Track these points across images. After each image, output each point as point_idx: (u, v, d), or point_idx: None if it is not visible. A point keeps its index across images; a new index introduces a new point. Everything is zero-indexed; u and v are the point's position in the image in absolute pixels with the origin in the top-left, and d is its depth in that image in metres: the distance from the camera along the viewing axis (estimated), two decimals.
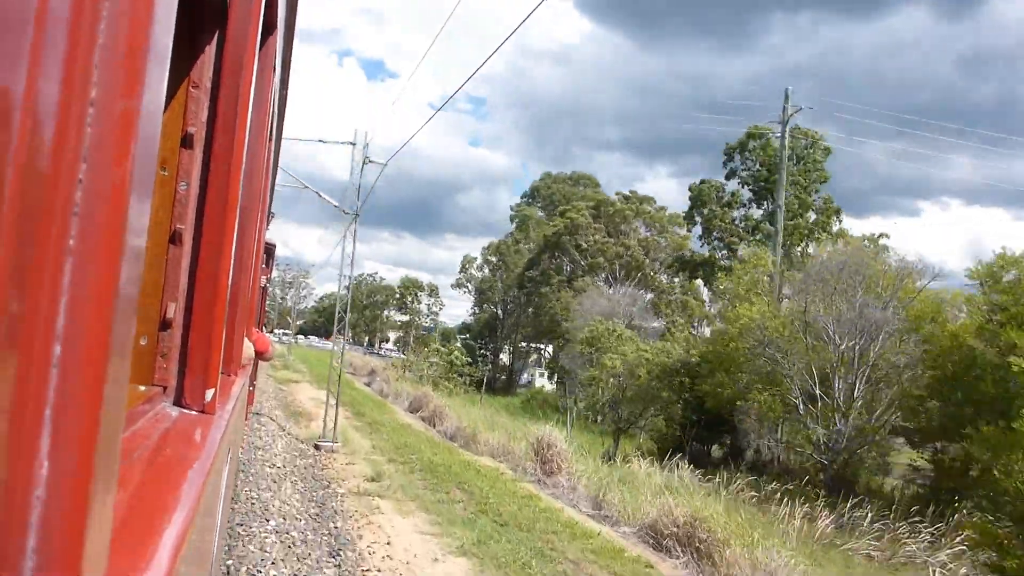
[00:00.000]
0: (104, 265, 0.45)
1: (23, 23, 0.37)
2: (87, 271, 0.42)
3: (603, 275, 52.75)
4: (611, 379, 25.49)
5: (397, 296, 74.46)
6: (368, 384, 34.55)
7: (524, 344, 65.60)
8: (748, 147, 43.48)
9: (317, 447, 13.80)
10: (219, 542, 2.57)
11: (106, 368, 0.45)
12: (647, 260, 53.51)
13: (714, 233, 46.22)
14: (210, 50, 1.58)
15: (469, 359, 42.77)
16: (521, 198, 77.01)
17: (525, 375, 68.13)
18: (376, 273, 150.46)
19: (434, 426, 21.09)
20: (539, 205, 73.26)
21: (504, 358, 69.15)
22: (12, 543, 0.39)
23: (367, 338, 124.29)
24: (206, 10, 1.58)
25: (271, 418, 16.51)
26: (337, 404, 15.03)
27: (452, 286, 77.06)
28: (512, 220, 73.83)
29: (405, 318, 74.88)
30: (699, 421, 24.52)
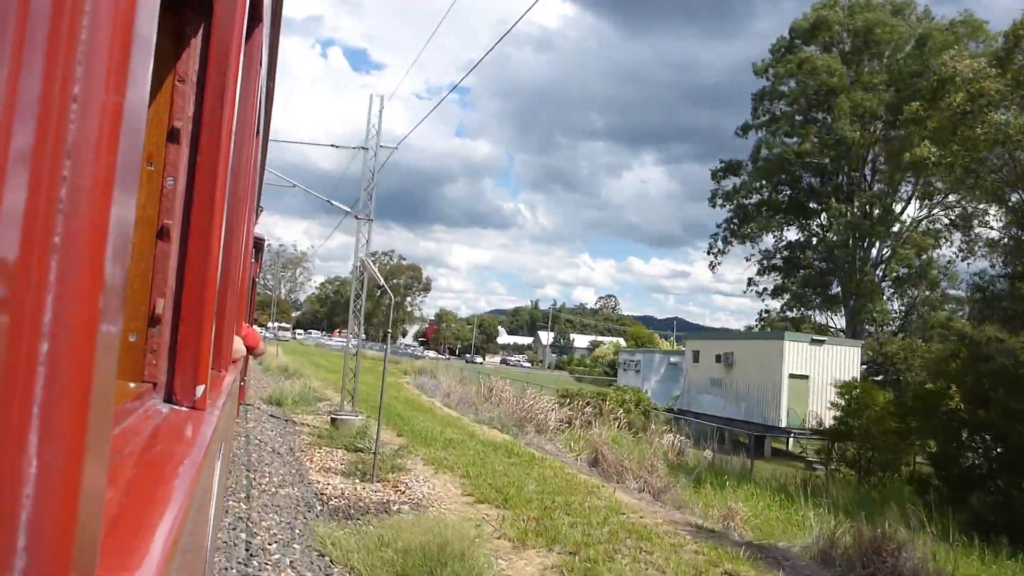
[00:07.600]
0: (90, 261, 0.44)
1: (3, 18, 0.36)
2: (73, 268, 0.42)
3: None
4: None
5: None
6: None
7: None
8: None
9: None
10: (213, 538, 2.57)
11: (94, 364, 0.45)
12: None
13: None
14: (196, 42, 1.57)
15: None
16: (772, 52, 45.91)
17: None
18: (393, 251, 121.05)
19: None
20: (820, 50, 42.95)
21: None
22: (2, 543, 0.38)
23: (383, 332, 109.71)
24: (191, 1, 1.56)
25: None
26: None
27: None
28: (776, 77, 44.97)
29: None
30: None
